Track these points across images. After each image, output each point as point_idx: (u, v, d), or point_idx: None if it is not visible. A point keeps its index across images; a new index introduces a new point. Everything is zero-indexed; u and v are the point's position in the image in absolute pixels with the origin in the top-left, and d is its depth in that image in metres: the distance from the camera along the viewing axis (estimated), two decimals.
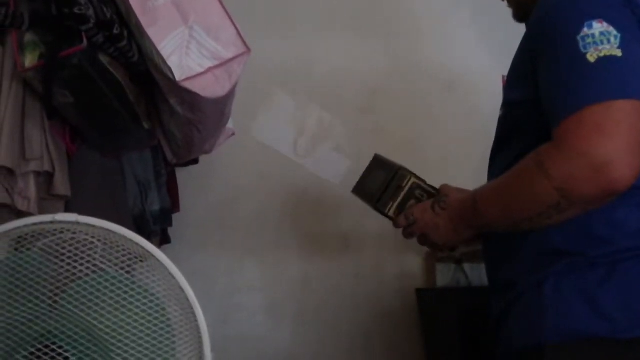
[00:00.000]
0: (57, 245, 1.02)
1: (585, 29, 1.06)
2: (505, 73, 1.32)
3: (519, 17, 1.37)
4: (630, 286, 1.09)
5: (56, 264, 1.01)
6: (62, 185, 1.56)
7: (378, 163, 1.44)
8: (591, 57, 1.04)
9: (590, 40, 1.05)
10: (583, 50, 1.05)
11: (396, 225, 1.34)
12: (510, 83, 1.27)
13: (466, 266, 2.31)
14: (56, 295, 1.02)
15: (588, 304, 1.09)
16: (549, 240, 1.15)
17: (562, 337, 1.10)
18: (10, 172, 1.48)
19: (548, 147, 1.06)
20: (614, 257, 1.10)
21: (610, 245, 1.11)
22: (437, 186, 1.37)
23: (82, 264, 1.01)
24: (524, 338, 1.16)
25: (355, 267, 2.42)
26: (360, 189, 1.45)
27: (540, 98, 1.13)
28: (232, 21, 1.60)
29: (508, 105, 1.27)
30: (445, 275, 2.34)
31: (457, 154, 2.46)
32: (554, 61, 1.10)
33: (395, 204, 1.33)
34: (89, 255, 1.02)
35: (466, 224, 1.23)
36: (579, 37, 1.06)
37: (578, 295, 1.10)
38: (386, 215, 1.34)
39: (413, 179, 1.33)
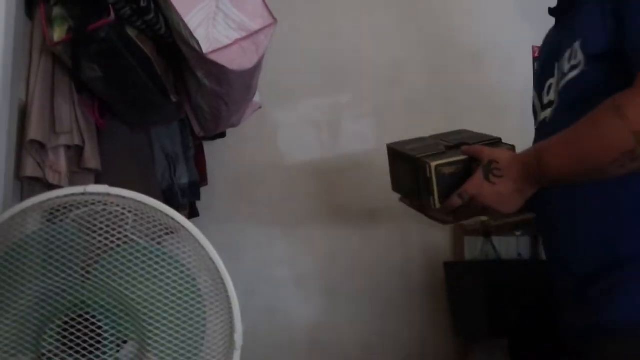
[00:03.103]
0: (89, 216, 1.03)
1: None
2: (536, 43, 1.27)
3: None
4: None
5: (88, 235, 1.02)
6: (92, 159, 1.57)
7: (394, 154, 1.35)
8: None
9: None
10: None
11: (449, 208, 1.23)
12: (590, 35, 1.17)
13: (494, 239, 2.30)
14: (89, 265, 1.03)
15: None
16: (632, 233, 1.09)
17: None
18: (41, 146, 1.49)
19: (627, 92, 1.02)
20: None
21: None
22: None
23: (113, 235, 1.02)
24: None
25: (382, 241, 2.42)
26: (398, 187, 1.36)
27: (623, 50, 1.08)
28: None
29: (588, 62, 1.17)
30: (473, 249, 2.33)
31: (489, 124, 2.42)
32: (637, 10, 1.05)
33: (436, 196, 1.22)
34: (120, 227, 1.03)
35: (531, 182, 1.15)
36: None
37: None
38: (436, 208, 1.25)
39: (433, 164, 1.21)
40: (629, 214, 1.11)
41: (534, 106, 1.34)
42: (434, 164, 1.20)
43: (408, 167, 1.28)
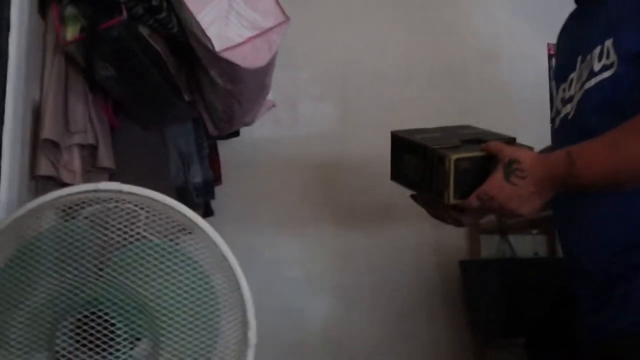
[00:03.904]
0: (102, 213, 1.03)
1: None
2: (550, 40, 1.23)
3: None
4: None
5: (100, 232, 1.02)
6: (106, 158, 1.57)
7: (400, 143, 1.28)
8: None
9: None
10: None
11: (467, 208, 1.18)
12: (623, 36, 1.11)
13: (510, 237, 2.28)
14: (102, 263, 1.03)
15: None
16: None
17: None
18: (55, 145, 1.50)
19: None
20: None
21: None
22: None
23: (126, 232, 1.02)
24: None
25: (397, 239, 2.41)
26: (399, 176, 1.29)
27: None
28: None
29: (621, 63, 1.11)
30: (489, 247, 2.31)
31: (504, 122, 2.40)
32: None
33: (451, 191, 1.16)
34: (132, 224, 1.02)
35: (555, 185, 1.11)
36: None
37: None
38: (448, 205, 1.18)
39: (453, 157, 1.15)
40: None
41: (551, 96, 1.31)
42: (454, 156, 1.15)
43: (418, 157, 1.21)
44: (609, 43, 1.11)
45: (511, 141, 1.23)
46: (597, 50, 1.14)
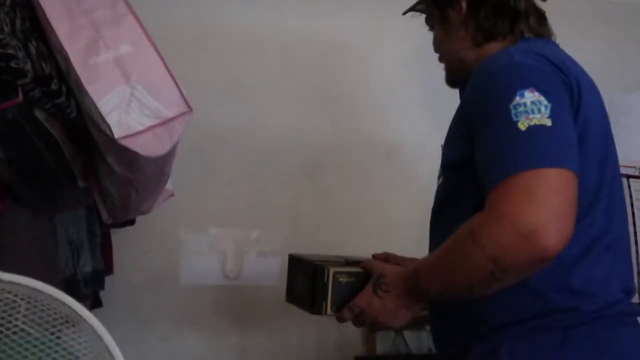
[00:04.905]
0: None
1: (518, 98, 1.09)
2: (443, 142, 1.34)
3: (450, 81, 1.42)
4: (584, 352, 1.09)
5: None
6: None
7: (295, 263, 1.41)
8: (522, 125, 1.07)
9: (522, 109, 1.08)
10: (515, 119, 1.07)
11: (341, 320, 1.29)
12: (449, 147, 1.28)
13: (406, 333, 2.30)
14: None
15: None
16: (500, 308, 1.14)
17: None
18: None
19: (479, 215, 1.08)
20: (569, 321, 1.10)
21: (564, 310, 1.11)
22: (368, 256, 1.38)
23: (2, 325, 0.95)
24: None
25: (296, 334, 2.38)
26: (292, 296, 1.40)
27: (475, 163, 1.15)
28: (175, 81, 1.59)
29: (447, 169, 1.29)
30: (385, 343, 2.32)
31: (398, 219, 2.47)
32: (486, 128, 1.13)
33: (329, 302, 1.27)
34: (10, 315, 0.96)
35: (414, 299, 1.21)
36: (511, 105, 1.09)
37: None
38: (327, 315, 1.30)
39: (332, 270, 1.27)
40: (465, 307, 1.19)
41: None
42: (333, 269, 1.26)
43: (306, 273, 1.32)
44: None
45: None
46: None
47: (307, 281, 1.32)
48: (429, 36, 1.48)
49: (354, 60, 2.57)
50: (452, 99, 1.45)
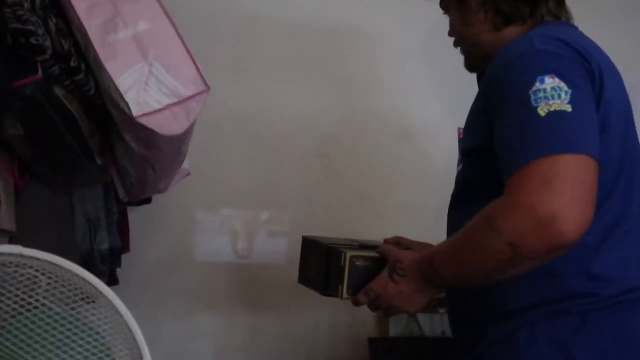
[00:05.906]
0: None
1: (538, 84, 1.08)
2: (461, 125, 1.33)
3: (469, 66, 1.40)
4: (603, 337, 1.09)
5: None
6: (7, 220, 1.50)
7: (309, 245, 1.41)
8: (542, 111, 1.06)
9: (542, 95, 1.07)
10: (534, 105, 1.07)
11: (357, 304, 1.30)
12: (468, 134, 1.28)
13: (419, 316, 2.30)
14: None
15: (561, 355, 1.08)
16: (519, 292, 1.14)
17: None
18: None
19: (497, 202, 1.07)
20: (587, 307, 1.10)
21: (583, 295, 1.11)
22: (380, 240, 1.37)
23: (24, 299, 0.96)
24: None
25: (309, 315, 2.38)
26: (305, 278, 1.40)
27: (495, 149, 1.14)
28: (193, 60, 1.58)
29: (467, 156, 1.28)
30: (398, 325, 2.32)
31: (409, 203, 2.47)
32: (506, 114, 1.12)
33: (345, 286, 1.27)
34: (32, 290, 0.97)
35: (430, 284, 1.22)
36: (531, 92, 1.08)
37: (552, 345, 1.09)
38: (343, 299, 1.30)
39: (349, 254, 1.27)
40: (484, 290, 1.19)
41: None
42: (350, 254, 1.26)
43: (320, 256, 1.33)
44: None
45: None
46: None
47: (321, 264, 1.32)
48: (443, 19, 1.46)
49: (366, 42, 2.55)
50: (466, 83, 1.44)
